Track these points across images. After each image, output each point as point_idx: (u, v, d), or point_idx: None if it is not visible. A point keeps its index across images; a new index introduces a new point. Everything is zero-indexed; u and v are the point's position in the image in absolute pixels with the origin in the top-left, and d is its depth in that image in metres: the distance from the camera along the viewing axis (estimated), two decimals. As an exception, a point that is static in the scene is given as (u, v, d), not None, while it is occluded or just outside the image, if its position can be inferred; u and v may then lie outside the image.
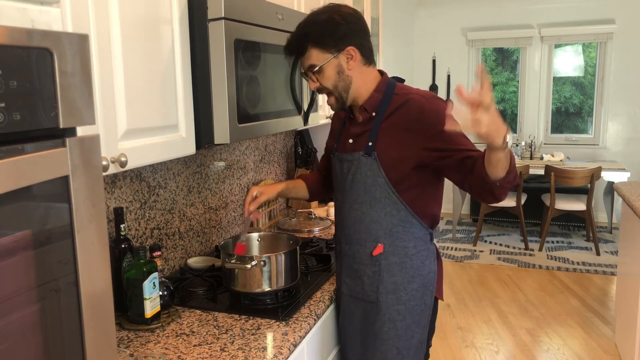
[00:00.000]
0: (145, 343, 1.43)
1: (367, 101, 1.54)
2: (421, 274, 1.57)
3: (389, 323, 1.57)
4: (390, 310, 1.57)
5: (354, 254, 1.61)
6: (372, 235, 1.56)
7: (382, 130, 1.51)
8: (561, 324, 3.71)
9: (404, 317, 1.57)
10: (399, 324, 1.57)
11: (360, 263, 1.60)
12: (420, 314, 1.59)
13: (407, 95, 1.51)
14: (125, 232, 1.60)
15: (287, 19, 1.81)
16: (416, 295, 1.57)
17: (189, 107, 1.49)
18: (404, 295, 1.56)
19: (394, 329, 1.57)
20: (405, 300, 1.56)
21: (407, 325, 1.57)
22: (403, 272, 1.56)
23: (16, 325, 0.74)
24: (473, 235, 5.71)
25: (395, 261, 1.56)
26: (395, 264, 1.56)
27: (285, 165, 2.92)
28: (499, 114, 1.20)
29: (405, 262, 1.56)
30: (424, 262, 1.58)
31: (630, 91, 6.01)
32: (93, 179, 0.84)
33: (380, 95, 1.53)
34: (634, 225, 2.92)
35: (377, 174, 1.52)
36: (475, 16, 6.42)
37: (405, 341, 1.58)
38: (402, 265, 1.56)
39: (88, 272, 0.84)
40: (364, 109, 1.55)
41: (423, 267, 1.58)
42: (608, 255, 5.06)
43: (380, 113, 1.52)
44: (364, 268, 1.59)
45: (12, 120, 0.70)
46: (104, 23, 1.17)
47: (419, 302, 1.58)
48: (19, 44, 0.71)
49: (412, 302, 1.57)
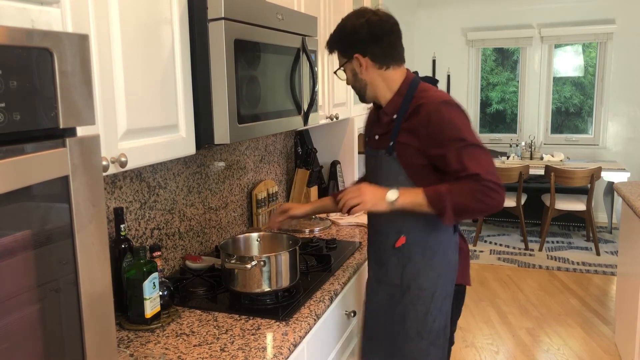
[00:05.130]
0: (145, 343, 1.43)
1: (388, 105, 1.64)
2: (442, 264, 1.64)
3: (410, 306, 1.66)
4: (412, 294, 1.65)
5: (379, 244, 1.71)
6: (395, 227, 1.66)
7: (401, 130, 1.59)
8: (561, 324, 3.71)
9: (423, 302, 1.64)
10: (420, 308, 1.65)
11: (384, 252, 1.70)
12: (442, 301, 1.65)
13: (421, 100, 1.57)
14: (125, 232, 1.60)
15: (287, 19, 1.81)
16: (437, 283, 1.64)
17: (189, 107, 1.49)
18: (425, 282, 1.64)
19: (414, 312, 1.65)
20: (426, 287, 1.64)
21: (427, 310, 1.64)
22: (424, 261, 1.63)
23: (16, 325, 0.74)
24: (473, 235, 5.71)
25: (417, 251, 1.64)
26: (416, 253, 1.64)
27: (285, 165, 2.92)
28: (364, 190, 1.53)
29: (426, 252, 1.63)
30: (446, 252, 1.65)
31: (630, 91, 6.01)
32: (93, 179, 0.84)
33: (401, 98, 1.61)
34: (634, 225, 2.92)
35: (398, 172, 1.60)
36: (475, 16, 6.42)
37: (426, 325, 1.65)
38: (423, 255, 1.63)
39: (88, 272, 0.84)
40: (385, 113, 1.65)
41: (444, 257, 1.64)
42: (608, 255, 5.06)
43: (400, 115, 1.60)
44: (388, 257, 1.68)
45: (12, 120, 0.70)
46: (104, 23, 1.17)
47: (440, 290, 1.64)
48: (19, 44, 0.71)
49: (433, 289, 1.64)
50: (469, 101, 6.59)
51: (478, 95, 6.62)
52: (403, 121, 1.59)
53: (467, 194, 1.46)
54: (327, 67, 2.55)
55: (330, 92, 2.60)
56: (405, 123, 1.58)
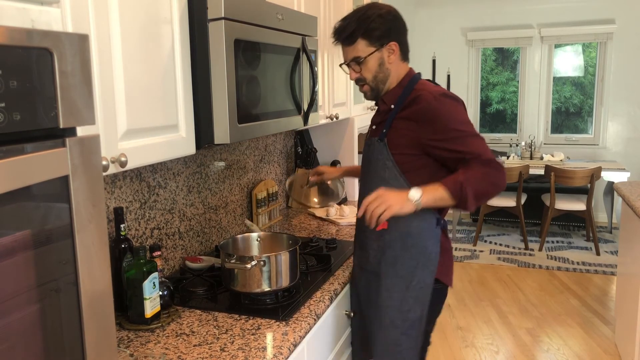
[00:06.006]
0: (145, 343, 1.43)
1: (388, 94, 1.68)
2: (422, 253, 1.64)
3: (385, 292, 1.66)
4: (388, 280, 1.66)
5: (365, 228, 1.72)
6: None
7: (396, 120, 1.63)
8: (561, 324, 3.71)
9: (400, 289, 1.64)
10: (395, 295, 1.65)
11: (367, 237, 1.71)
12: (419, 291, 1.65)
13: (420, 91, 1.60)
14: (125, 232, 1.60)
15: (287, 19, 1.81)
16: (414, 272, 1.64)
17: (189, 107, 1.49)
18: (402, 269, 1.64)
19: (390, 299, 1.65)
20: (403, 275, 1.64)
21: (403, 298, 1.64)
22: (403, 249, 1.64)
23: (16, 325, 0.74)
24: (473, 235, 5.71)
25: (396, 237, 1.65)
26: (396, 239, 1.65)
27: (285, 165, 2.92)
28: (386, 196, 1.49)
29: (406, 240, 1.64)
30: (426, 242, 1.64)
31: (630, 91, 6.01)
32: (93, 179, 0.84)
33: (401, 90, 1.66)
34: (634, 225, 2.92)
35: (387, 158, 1.63)
36: (475, 16, 6.42)
37: (401, 313, 1.64)
38: (403, 242, 1.64)
39: (88, 272, 0.84)
40: (383, 101, 1.69)
41: (425, 247, 1.64)
42: (608, 255, 5.06)
43: (397, 106, 1.64)
44: (371, 242, 1.70)
45: (12, 120, 0.70)
46: (104, 23, 1.17)
47: (418, 280, 1.64)
48: (19, 44, 0.71)
49: (410, 277, 1.64)
50: (469, 101, 6.59)
51: (478, 95, 6.62)
52: (400, 110, 1.62)
53: (482, 179, 1.50)
54: (327, 67, 2.55)
55: (330, 92, 2.60)
56: (402, 112, 1.62)
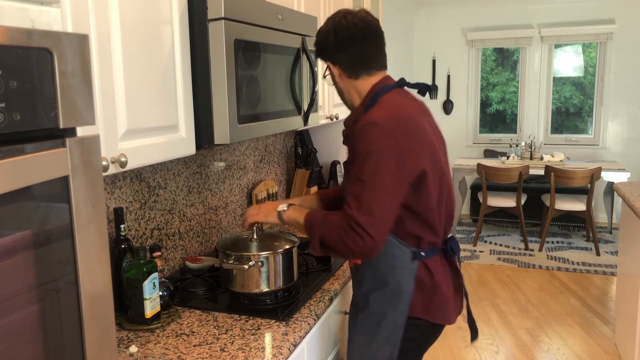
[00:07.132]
0: (145, 343, 1.43)
1: (350, 115, 1.57)
2: (393, 291, 1.52)
3: (360, 328, 1.59)
4: (362, 315, 1.58)
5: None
6: None
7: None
8: (561, 324, 3.71)
9: (370, 326, 1.56)
10: (367, 331, 1.57)
11: (353, 267, 1.64)
12: (390, 331, 1.54)
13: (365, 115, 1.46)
14: (125, 232, 1.60)
15: (287, 19, 1.81)
16: (385, 310, 1.54)
17: (189, 107, 1.49)
18: (374, 306, 1.55)
19: (363, 334, 1.58)
20: (375, 312, 1.55)
21: (373, 335, 1.56)
22: (375, 285, 1.55)
23: (16, 325, 0.74)
24: (473, 236, 5.71)
25: (368, 274, 1.56)
26: (368, 276, 1.56)
27: (285, 165, 2.92)
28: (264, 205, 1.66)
29: (376, 276, 1.54)
30: (399, 280, 1.52)
31: (630, 91, 6.01)
32: (93, 179, 0.84)
33: (363, 109, 1.51)
34: (634, 225, 2.92)
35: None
36: (475, 16, 6.43)
37: (369, 351, 1.57)
38: (374, 278, 1.55)
39: (88, 272, 0.84)
40: (344, 124, 1.58)
41: (397, 284, 1.52)
42: (608, 256, 5.06)
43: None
44: (354, 273, 1.64)
45: (12, 120, 0.70)
46: (104, 23, 1.17)
47: (388, 319, 1.54)
48: (19, 44, 0.71)
49: (381, 316, 1.54)
50: (469, 101, 6.59)
51: (478, 95, 6.62)
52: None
53: (333, 230, 1.40)
54: (327, 67, 2.55)
55: (330, 92, 2.60)
56: None
